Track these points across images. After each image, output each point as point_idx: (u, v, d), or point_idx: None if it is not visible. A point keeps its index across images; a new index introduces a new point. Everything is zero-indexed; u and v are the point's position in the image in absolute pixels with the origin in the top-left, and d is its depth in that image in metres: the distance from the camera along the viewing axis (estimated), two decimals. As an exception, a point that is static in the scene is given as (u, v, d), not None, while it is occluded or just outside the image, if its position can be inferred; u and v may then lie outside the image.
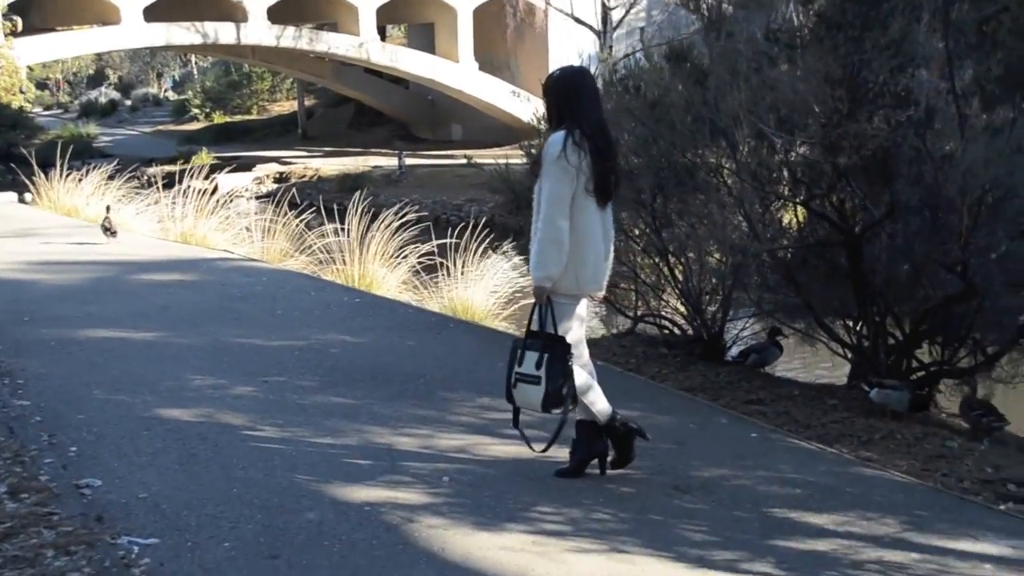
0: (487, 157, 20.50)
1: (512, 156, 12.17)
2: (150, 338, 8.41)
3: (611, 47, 27.40)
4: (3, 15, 24.96)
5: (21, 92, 21.14)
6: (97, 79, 73.51)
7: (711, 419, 6.21)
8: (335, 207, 12.90)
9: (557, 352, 4.93)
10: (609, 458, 5.27)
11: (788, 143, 5.99)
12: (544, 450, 5.20)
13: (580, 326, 5.17)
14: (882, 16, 5.61)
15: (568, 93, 5.00)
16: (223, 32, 30.66)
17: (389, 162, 33.35)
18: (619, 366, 7.58)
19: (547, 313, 4.99)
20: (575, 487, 5.09)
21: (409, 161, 31.80)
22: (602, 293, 5.31)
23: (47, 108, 66.36)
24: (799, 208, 6.98)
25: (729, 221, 7.44)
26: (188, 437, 5.92)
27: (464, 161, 26.52)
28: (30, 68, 66.50)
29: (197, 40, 30.96)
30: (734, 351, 8.50)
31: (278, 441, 5.82)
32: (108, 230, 13.75)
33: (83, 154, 34.97)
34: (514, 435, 5.36)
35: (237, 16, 30.68)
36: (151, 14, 28.95)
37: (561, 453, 5.36)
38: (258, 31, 31.13)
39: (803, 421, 6.29)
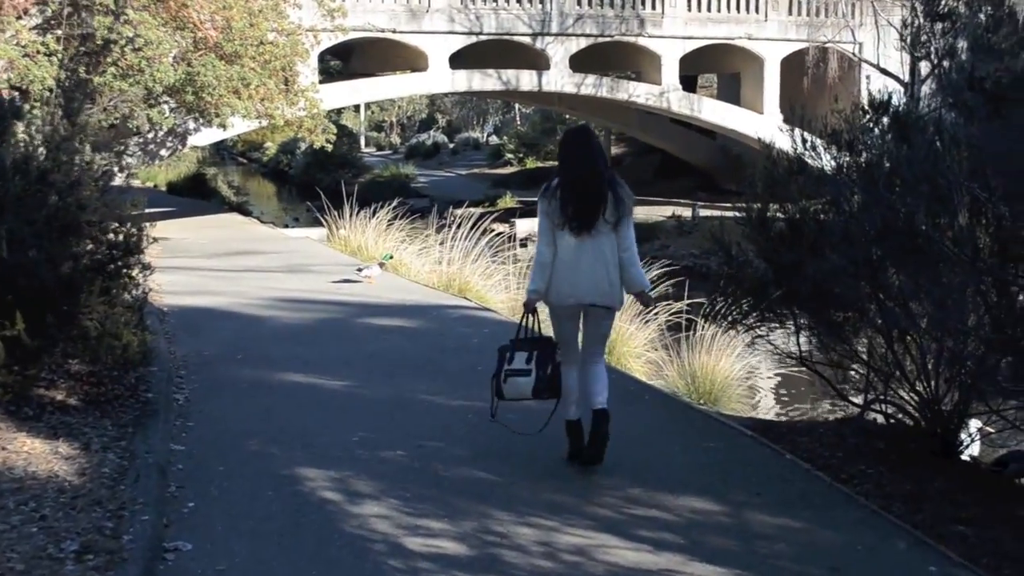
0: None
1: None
2: (337, 387, 8.25)
3: (918, 99, 25.54)
4: (319, 61, 26.43)
5: (322, 132, 22.29)
6: (428, 123, 77.04)
7: (888, 541, 5.12)
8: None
9: (546, 350, 6.18)
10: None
11: (996, 212, 4.90)
12: (540, 430, 6.33)
13: (562, 329, 6.31)
14: None
15: (561, 147, 6.32)
16: (524, 79, 31.08)
17: (687, 212, 32.60)
18: (812, 462, 6.52)
19: (534, 322, 6.25)
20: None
21: (705, 212, 30.85)
22: (591, 302, 6.09)
23: (380, 149, 70.15)
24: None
25: (964, 301, 6.32)
26: (307, 504, 5.61)
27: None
28: (370, 110, 71.29)
29: (498, 86, 31.57)
30: (973, 451, 7.29)
31: (393, 518, 5.38)
32: (361, 270, 13.99)
33: (400, 193, 36.46)
34: (642, 538, 5.10)
35: (540, 64, 31.03)
36: (456, 62, 29.83)
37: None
38: (559, 79, 31.34)
39: (1012, 554, 5.08)
